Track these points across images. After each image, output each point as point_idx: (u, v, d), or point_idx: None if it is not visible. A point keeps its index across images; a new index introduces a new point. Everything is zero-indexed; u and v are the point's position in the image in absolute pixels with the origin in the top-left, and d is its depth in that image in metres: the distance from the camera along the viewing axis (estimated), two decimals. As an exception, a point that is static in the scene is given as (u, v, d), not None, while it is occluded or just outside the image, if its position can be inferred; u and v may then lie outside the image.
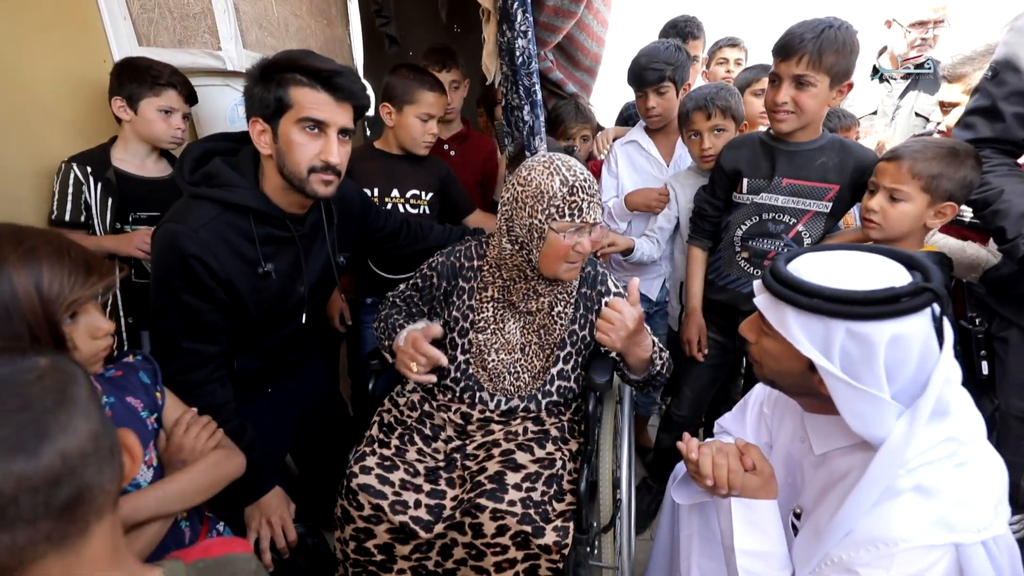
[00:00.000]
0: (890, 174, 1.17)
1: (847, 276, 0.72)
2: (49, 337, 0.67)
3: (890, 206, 1.17)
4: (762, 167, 1.39)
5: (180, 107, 1.49)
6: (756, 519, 0.81)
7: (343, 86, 1.05)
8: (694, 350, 1.57)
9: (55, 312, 0.67)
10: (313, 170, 1.06)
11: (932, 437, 0.68)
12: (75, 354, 0.71)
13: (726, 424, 1.12)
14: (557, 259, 1.11)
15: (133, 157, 1.49)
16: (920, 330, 0.68)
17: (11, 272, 0.64)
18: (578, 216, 1.08)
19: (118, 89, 1.42)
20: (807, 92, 1.25)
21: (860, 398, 0.69)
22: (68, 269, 0.68)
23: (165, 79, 1.44)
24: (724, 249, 1.48)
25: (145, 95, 1.42)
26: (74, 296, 0.68)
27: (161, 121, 1.46)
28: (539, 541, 1.03)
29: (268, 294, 1.15)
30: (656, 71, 1.61)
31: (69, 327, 0.70)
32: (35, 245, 0.67)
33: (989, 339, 1.22)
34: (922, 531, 0.65)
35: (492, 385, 1.25)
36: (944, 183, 1.12)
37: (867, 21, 2.20)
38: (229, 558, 0.63)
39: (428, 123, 1.57)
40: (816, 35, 1.20)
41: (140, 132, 1.47)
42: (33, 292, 0.65)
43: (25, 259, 0.65)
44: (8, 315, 0.63)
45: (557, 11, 1.69)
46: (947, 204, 1.14)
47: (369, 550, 1.11)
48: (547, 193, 1.08)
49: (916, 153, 1.14)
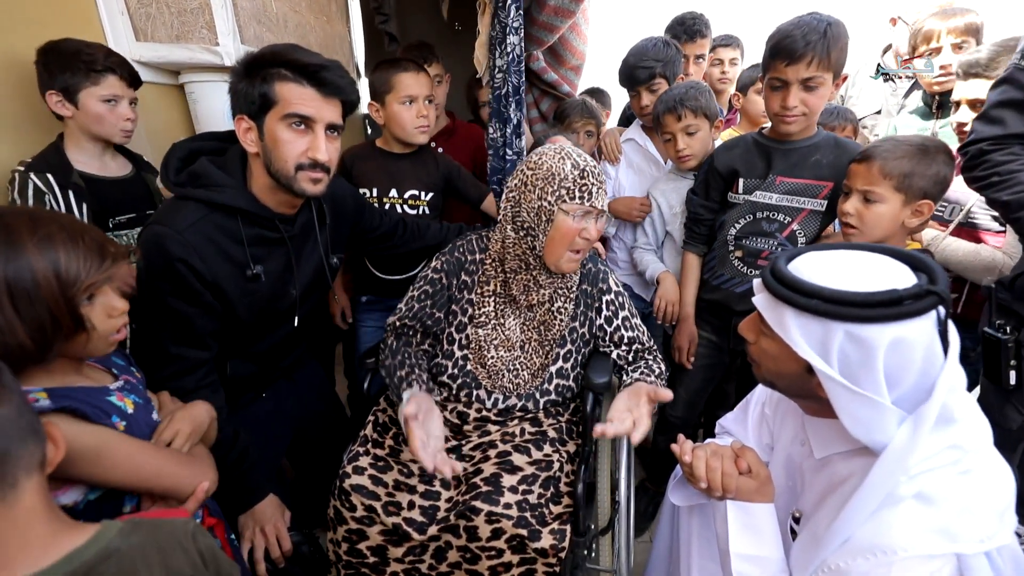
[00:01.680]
0: (861, 175, 1.16)
1: (848, 276, 0.70)
2: (69, 319, 0.70)
3: (865, 208, 1.15)
4: (757, 166, 1.38)
5: (124, 93, 1.32)
6: (752, 523, 0.80)
7: (330, 80, 1.02)
8: (684, 358, 1.56)
9: (74, 295, 0.70)
10: (301, 167, 1.04)
11: (935, 444, 0.66)
12: (92, 334, 0.75)
13: (727, 424, 1.11)
14: (563, 244, 1.13)
15: (90, 157, 1.33)
16: (923, 334, 0.66)
17: (30, 258, 0.67)
18: (587, 199, 1.11)
19: (50, 81, 1.24)
20: (816, 93, 1.24)
21: (859, 403, 0.67)
22: (83, 253, 0.71)
23: (101, 63, 1.26)
24: (718, 248, 1.47)
25: (83, 85, 1.25)
26: (91, 280, 0.72)
27: (108, 113, 1.29)
28: (535, 545, 1.02)
29: (259, 297, 1.13)
30: (646, 69, 1.61)
31: (87, 308, 0.73)
32: (51, 231, 0.70)
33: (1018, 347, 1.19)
34: (922, 540, 0.64)
35: (491, 383, 1.24)
36: (917, 181, 1.11)
37: (871, 19, 2.18)
38: (166, 520, 0.68)
39: (414, 106, 1.52)
40: (821, 35, 1.19)
41: (87, 128, 1.30)
42: (52, 277, 0.68)
43: (42, 245, 0.68)
44: (30, 299, 0.67)
45: (557, 11, 1.67)
46: (923, 202, 1.13)
47: (362, 552, 1.09)
48: (558, 175, 1.10)
49: (886, 153, 1.13)
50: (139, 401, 0.87)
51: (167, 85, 1.76)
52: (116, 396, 0.83)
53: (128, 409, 0.83)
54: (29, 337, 0.67)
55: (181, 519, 0.69)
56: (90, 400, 0.77)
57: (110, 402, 0.81)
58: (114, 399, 0.82)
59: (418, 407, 1.02)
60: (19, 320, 0.66)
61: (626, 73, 1.67)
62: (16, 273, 0.66)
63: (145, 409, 0.88)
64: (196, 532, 0.68)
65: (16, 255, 0.66)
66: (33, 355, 0.69)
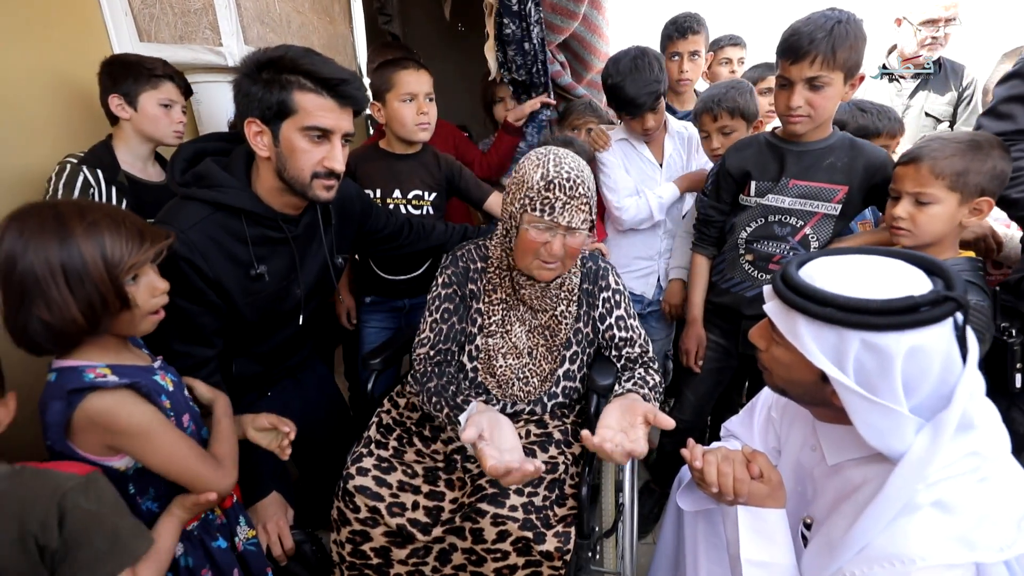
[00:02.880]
0: (910, 178, 1.10)
1: (863, 283, 0.69)
2: (115, 296, 0.79)
3: (918, 211, 1.10)
4: (770, 168, 1.35)
5: (178, 100, 1.44)
6: (763, 528, 0.79)
7: (350, 94, 1.03)
8: (692, 361, 1.55)
9: (119, 276, 0.79)
10: (316, 176, 1.05)
11: (955, 452, 0.65)
12: (136, 312, 0.84)
13: (733, 428, 1.10)
14: (526, 254, 1.09)
15: (136, 160, 1.43)
16: (941, 341, 0.65)
17: (79, 243, 0.76)
18: (548, 214, 1.04)
19: (113, 87, 1.35)
20: (822, 94, 1.20)
21: (876, 411, 0.66)
22: (126, 237, 0.80)
23: (160, 71, 1.39)
24: (728, 251, 1.45)
25: (143, 89, 1.36)
26: (132, 260, 0.80)
27: (164, 116, 1.40)
28: (540, 547, 1.01)
29: (262, 296, 1.13)
30: (652, 94, 1.55)
31: (131, 287, 0.82)
32: (97, 218, 0.78)
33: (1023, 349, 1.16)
34: (941, 548, 0.62)
35: (501, 392, 1.23)
36: (973, 178, 1.05)
37: (877, 18, 2.17)
38: (51, 472, 0.72)
39: (414, 103, 1.52)
40: (827, 33, 1.15)
41: (142, 130, 1.40)
42: (99, 259, 0.77)
43: (90, 231, 0.77)
44: (81, 280, 0.76)
45: (555, 8, 1.67)
46: (982, 199, 1.07)
47: (365, 553, 1.09)
48: (526, 183, 1.06)
49: (935, 152, 1.07)
50: (175, 379, 0.95)
51: (171, 85, 1.76)
52: (160, 375, 0.91)
53: (169, 387, 0.92)
54: (81, 313, 0.76)
55: (67, 475, 0.72)
56: (144, 378, 0.86)
57: (155, 380, 0.89)
58: (158, 378, 0.90)
59: (478, 427, 0.97)
60: (72, 298, 0.75)
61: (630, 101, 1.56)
62: (68, 257, 0.75)
63: (179, 387, 0.96)
64: (72, 493, 0.69)
65: (68, 241, 0.75)
66: (85, 330, 0.78)
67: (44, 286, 0.74)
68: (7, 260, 0.75)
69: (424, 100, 1.53)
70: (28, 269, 0.74)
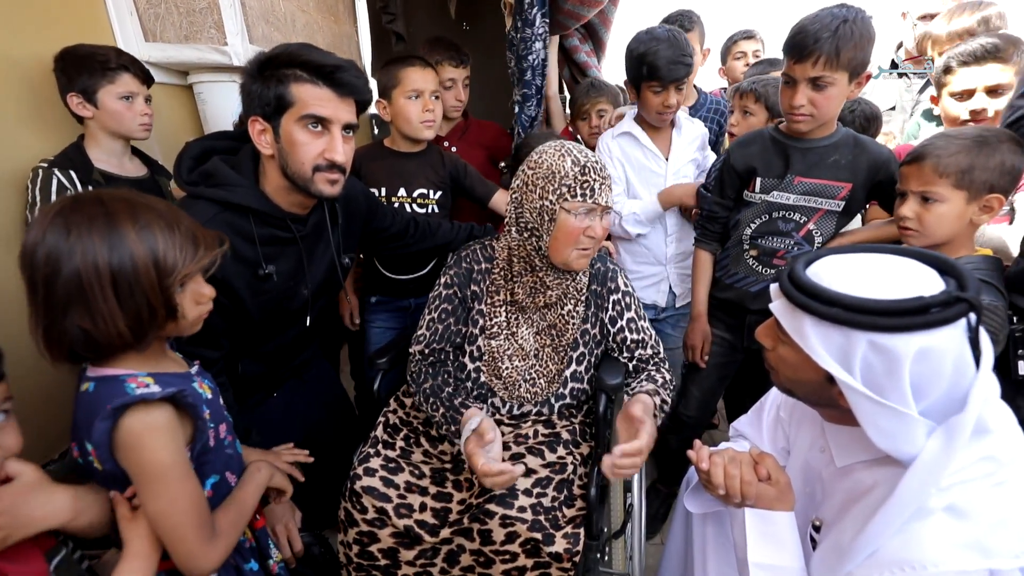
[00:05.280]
0: (915, 177, 1.09)
1: (871, 282, 0.67)
2: (163, 307, 0.72)
3: (924, 210, 1.08)
4: (775, 165, 1.34)
5: (139, 90, 1.36)
6: (771, 531, 0.78)
7: (346, 81, 1.02)
8: (697, 356, 1.54)
9: (170, 284, 0.72)
10: (318, 169, 1.03)
11: (969, 456, 0.64)
12: (182, 322, 0.77)
13: (741, 428, 1.09)
14: (568, 243, 1.10)
15: (110, 156, 1.38)
16: (953, 343, 0.63)
17: (131, 248, 0.68)
18: (590, 196, 1.07)
19: (69, 85, 1.29)
20: (825, 93, 1.19)
21: (884, 414, 0.65)
22: (179, 244, 0.73)
23: (114, 62, 1.31)
24: (732, 247, 1.45)
25: (100, 85, 1.30)
26: (186, 270, 0.73)
27: (126, 110, 1.34)
28: (549, 548, 1.01)
29: (270, 296, 1.13)
30: (686, 65, 1.47)
31: (179, 295, 0.75)
32: (150, 220, 0.71)
33: None
34: (954, 555, 0.61)
35: (507, 393, 1.23)
36: (979, 175, 1.03)
37: (888, 13, 2.14)
38: None
39: (419, 100, 1.51)
40: (832, 33, 1.14)
41: (107, 127, 1.34)
42: (151, 266, 0.70)
43: (143, 235, 0.70)
44: (131, 289, 0.68)
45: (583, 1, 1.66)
46: (992, 196, 1.04)
47: (373, 554, 1.09)
48: (559, 173, 1.07)
49: (939, 150, 1.05)
50: (212, 386, 0.88)
51: (176, 86, 1.76)
52: (197, 382, 0.84)
53: (207, 395, 0.84)
54: (127, 326, 0.69)
55: None
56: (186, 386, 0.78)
57: (194, 389, 0.81)
58: (196, 385, 0.83)
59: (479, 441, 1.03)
60: (120, 310, 0.68)
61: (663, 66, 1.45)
62: (119, 263, 0.67)
63: (216, 394, 0.88)
64: None
65: (119, 244, 0.67)
66: (129, 343, 0.71)
67: (90, 294, 0.66)
68: (49, 260, 0.66)
69: (429, 98, 1.53)
70: (73, 273, 0.65)
